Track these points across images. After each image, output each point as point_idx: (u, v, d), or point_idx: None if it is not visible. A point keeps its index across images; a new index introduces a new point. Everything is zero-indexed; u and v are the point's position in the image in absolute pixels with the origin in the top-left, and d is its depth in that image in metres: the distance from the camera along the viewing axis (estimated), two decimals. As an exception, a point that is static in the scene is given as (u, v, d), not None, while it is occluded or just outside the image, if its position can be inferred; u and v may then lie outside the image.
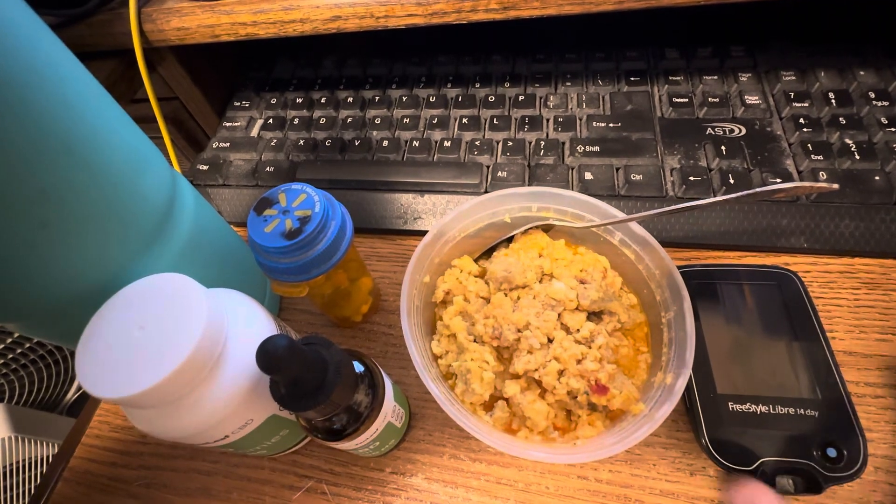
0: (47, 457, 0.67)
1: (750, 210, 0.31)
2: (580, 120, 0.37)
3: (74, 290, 0.20)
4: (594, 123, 0.37)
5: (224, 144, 0.41)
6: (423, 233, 0.35)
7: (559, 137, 0.37)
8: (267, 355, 0.15)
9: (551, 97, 0.39)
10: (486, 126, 0.38)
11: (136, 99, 0.44)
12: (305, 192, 0.23)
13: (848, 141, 0.32)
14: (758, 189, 0.20)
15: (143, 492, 0.28)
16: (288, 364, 0.16)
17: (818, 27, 0.40)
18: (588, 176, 0.34)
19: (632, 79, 0.39)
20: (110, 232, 0.20)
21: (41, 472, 0.66)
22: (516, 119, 0.38)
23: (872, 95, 0.34)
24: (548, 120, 0.38)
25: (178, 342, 0.17)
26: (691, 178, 0.32)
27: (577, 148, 0.35)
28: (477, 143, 0.37)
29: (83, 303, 0.19)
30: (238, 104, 0.44)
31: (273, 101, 0.44)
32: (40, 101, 0.17)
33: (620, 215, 0.27)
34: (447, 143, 0.37)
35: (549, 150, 0.36)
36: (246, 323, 0.20)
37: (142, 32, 0.39)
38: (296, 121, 0.42)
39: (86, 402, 0.32)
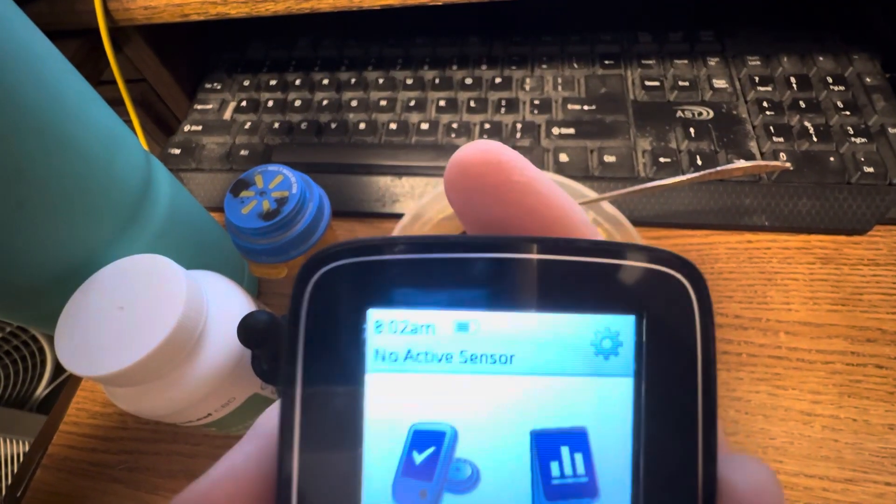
0: (17, 455, 0.65)
1: (716, 190, 0.32)
2: (556, 102, 0.38)
3: (51, 271, 0.19)
4: (569, 106, 0.37)
5: (196, 128, 0.41)
6: (401, 215, 0.35)
7: (535, 120, 0.37)
8: (248, 329, 0.15)
9: (528, 80, 0.39)
10: (464, 109, 0.38)
11: (102, 80, 0.42)
12: (282, 173, 0.23)
13: (807, 124, 0.34)
14: (719, 168, 0.22)
15: (126, 475, 0.28)
16: (269, 338, 0.16)
17: (783, 14, 0.42)
18: (563, 158, 0.35)
19: (606, 62, 0.40)
20: (86, 212, 0.20)
21: (12, 471, 0.64)
22: (493, 102, 0.39)
23: (830, 80, 0.35)
24: (524, 102, 0.38)
25: (158, 320, 0.17)
26: (661, 160, 0.33)
27: (553, 130, 0.36)
28: (454, 125, 0.37)
29: (60, 284, 0.19)
30: (209, 86, 0.43)
31: (246, 83, 0.43)
32: (14, 80, 0.16)
33: (593, 195, 0.27)
34: (425, 126, 0.38)
35: (525, 132, 0.36)
36: (226, 302, 0.21)
37: (106, 11, 0.37)
38: (270, 103, 0.41)
39: (57, 399, 0.32)
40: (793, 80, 0.36)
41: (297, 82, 0.42)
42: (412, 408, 0.09)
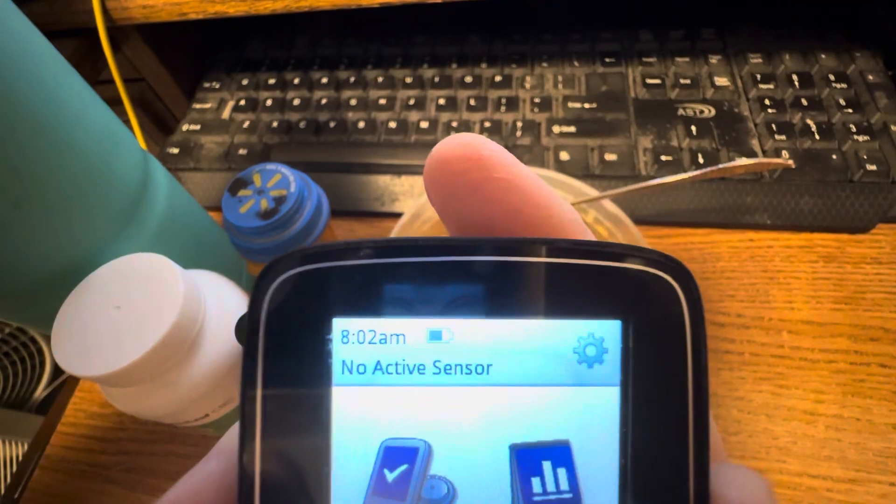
0: (16, 456, 0.65)
1: (717, 188, 0.32)
2: (556, 100, 0.38)
3: (48, 271, 0.19)
4: (570, 104, 0.37)
5: (194, 127, 0.40)
6: (400, 214, 0.35)
7: (536, 118, 0.37)
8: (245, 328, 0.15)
9: (528, 78, 0.39)
10: (464, 107, 0.38)
11: (100, 80, 0.42)
12: (280, 171, 0.23)
13: (809, 121, 0.33)
14: (720, 166, 0.21)
15: (123, 476, 0.28)
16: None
17: (785, 11, 0.41)
18: (564, 156, 0.35)
19: (607, 60, 0.40)
20: (83, 212, 0.19)
21: (10, 472, 0.64)
22: (493, 100, 0.38)
23: (832, 78, 0.35)
24: (524, 101, 0.38)
25: (155, 320, 0.17)
26: (663, 158, 0.33)
27: (553, 128, 0.36)
28: (454, 124, 0.37)
29: (57, 284, 0.19)
30: (208, 85, 0.43)
31: (244, 82, 0.43)
32: (11, 79, 0.16)
33: (594, 193, 0.27)
34: (424, 125, 0.37)
35: (526, 130, 0.36)
36: (224, 302, 0.20)
37: (104, 10, 0.37)
38: (268, 102, 0.41)
39: (55, 399, 0.32)
40: (795, 77, 0.35)
41: (296, 81, 0.42)
42: (383, 422, 0.08)
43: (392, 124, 0.38)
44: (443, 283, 0.09)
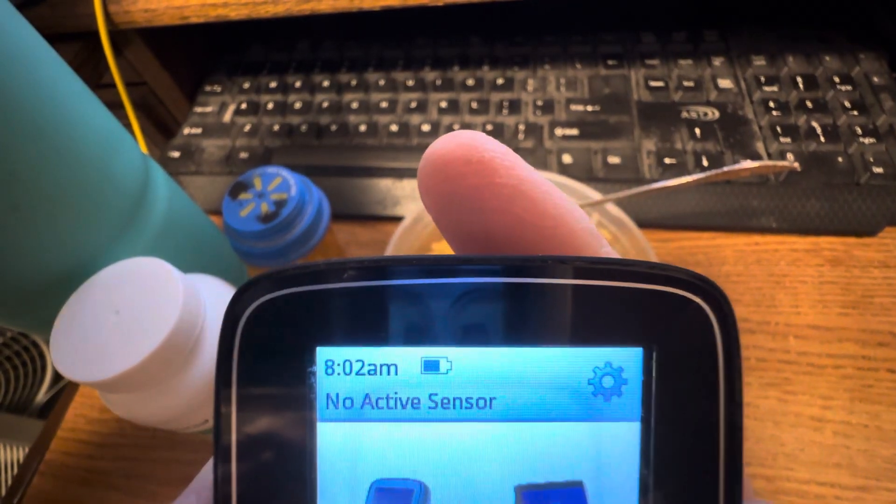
0: (17, 461, 0.65)
1: (722, 192, 0.32)
2: (559, 103, 0.38)
3: (47, 275, 0.19)
4: (572, 107, 0.37)
5: (195, 130, 0.40)
6: (402, 218, 0.35)
7: (538, 121, 0.37)
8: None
9: (530, 80, 0.39)
10: (466, 110, 0.38)
11: (101, 84, 0.42)
12: (281, 175, 0.23)
13: (814, 124, 0.33)
14: (725, 168, 0.21)
15: (124, 483, 0.27)
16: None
17: (788, 13, 0.41)
18: (567, 159, 0.34)
19: (609, 62, 0.39)
20: (82, 216, 0.19)
21: (11, 476, 0.64)
22: (496, 103, 0.38)
23: (837, 80, 0.35)
24: (527, 104, 0.38)
25: (154, 325, 0.17)
26: (667, 161, 0.33)
27: (556, 131, 0.36)
28: (456, 127, 0.37)
29: (56, 289, 0.19)
30: (209, 89, 0.43)
31: (246, 85, 0.43)
32: (10, 82, 0.16)
33: (597, 197, 0.27)
34: (426, 128, 0.37)
35: (528, 133, 0.36)
36: (224, 307, 0.20)
37: (107, 14, 0.37)
38: (270, 106, 0.41)
39: (57, 403, 0.31)
40: (799, 79, 0.35)
41: (298, 84, 0.42)
42: (373, 462, 0.08)
43: (394, 127, 0.37)
44: (439, 307, 0.08)
